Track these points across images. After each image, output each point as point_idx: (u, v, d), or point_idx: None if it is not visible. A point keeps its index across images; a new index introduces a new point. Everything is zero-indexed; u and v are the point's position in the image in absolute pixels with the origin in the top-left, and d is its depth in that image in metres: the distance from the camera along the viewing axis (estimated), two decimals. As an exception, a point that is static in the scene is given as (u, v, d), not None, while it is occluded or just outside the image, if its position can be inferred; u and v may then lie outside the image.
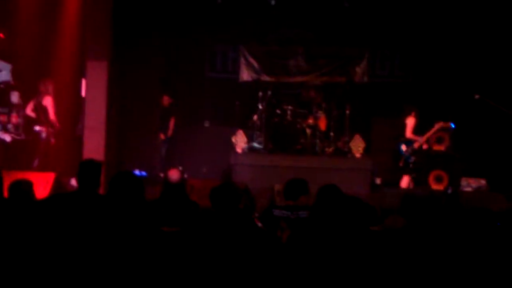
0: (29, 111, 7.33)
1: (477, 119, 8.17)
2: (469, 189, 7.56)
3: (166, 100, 8.26)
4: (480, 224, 2.78)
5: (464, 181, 7.55)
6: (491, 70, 8.12)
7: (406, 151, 6.88)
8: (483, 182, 7.70)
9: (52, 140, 7.31)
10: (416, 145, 7.00)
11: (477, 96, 6.51)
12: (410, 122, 7.10)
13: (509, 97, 7.61)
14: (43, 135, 7.25)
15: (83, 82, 7.24)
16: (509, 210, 3.09)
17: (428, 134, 7.03)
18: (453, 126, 8.18)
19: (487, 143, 8.03)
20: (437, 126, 6.88)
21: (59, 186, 6.04)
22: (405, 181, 7.51)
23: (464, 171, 7.77)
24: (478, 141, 8.11)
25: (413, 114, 7.30)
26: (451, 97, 8.41)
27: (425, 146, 7.30)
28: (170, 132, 8.33)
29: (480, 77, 8.13)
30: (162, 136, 8.26)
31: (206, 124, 9.17)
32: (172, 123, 8.39)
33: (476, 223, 2.79)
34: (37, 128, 7.26)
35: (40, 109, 7.25)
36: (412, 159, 6.87)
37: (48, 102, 7.26)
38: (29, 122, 7.33)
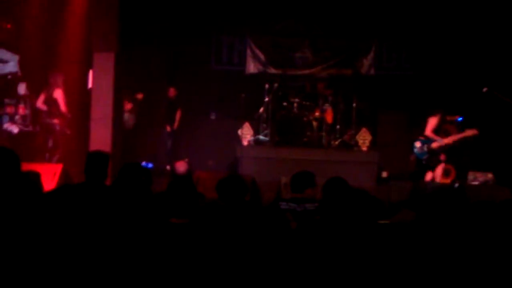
0: (40, 103, 7.35)
1: (484, 112, 8.12)
2: (476, 182, 7.52)
3: (172, 92, 8.25)
4: (486, 218, 2.77)
5: (471, 175, 7.52)
6: (499, 62, 8.06)
7: (420, 147, 6.70)
8: (490, 175, 7.66)
9: (68, 131, 7.35)
10: (434, 145, 6.73)
11: (485, 89, 6.45)
12: (432, 121, 6.87)
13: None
14: (57, 127, 7.28)
15: (90, 73, 7.24)
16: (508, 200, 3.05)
17: (454, 138, 6.71)
18: (460, 119, 8.14)
19: (494, 137, 7.99)
20: (465, 133, 6.64)
21: (66, 178, 6.06)
22: (429, 175, 7.32)
23: (471, 164, 7.73)
24: (486, 134, 8.06)
25: (437, 115, 6.99)
26: (458, 89, 8.36)
27: (446, 141, 6.90)
28: (176, 124, 8.33)
29: (488, 70, 8.07)
30: (168, 128, 8.26)
31: (212, 117, 9.16)
32: (178, 115, 8.39)
33: (482, 217, 2.78)
34: (48, 120, 7.29)
35: (51, 102, 7.26)
36: (425, 157, 6.70)
37: (58, 94, 7.28)
38: (40, 114, 7.33)
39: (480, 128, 7.34)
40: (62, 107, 7.28)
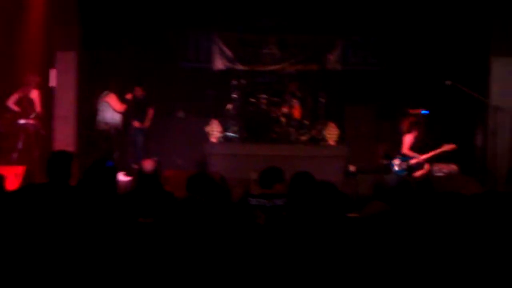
0: (12, 104, 7.22)
1: (448, 105, 8.30)
2: (440, 174, 7.68)
3: (138, 91, 8.09)
4: (452, 208, 2.81)
5: (435, 167, 7.67)
6: (462, 55, 8.23)
7: (399, 165, 6.73)
8: (454, 166, 7.83)
9: (42, 131, 7.20)
10: (412, 162, 6.75)
11: (448, 82, 6.58)
12: (408, 139, 6.87)
13: (479, 82, 7.74)
14: (31, 128, 7.13)
15: (53, 72, 7.08)
16: (481, 194, 3.12)
17: (431, 154, 6.73)
18: (425, 112, 8.29)
19: (457, 128, 8.16)
20: (443, 148, 6.70)
21: (30, 179, 5.90)
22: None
23: (436, 157, 7.88)
24: (450, 126, 8.24)
25: (413, 132, 6.95)
26: (423, 83, 8.51)
27: (427, 167, 6.91)
28: (147, 123, 8.15)
29: (452, 63, 8.24)
30: (136, 124, 8.06)
31: (180, 114, 9.07)
32: (150, 113, 8.20)
33: (447, 207, 2.83)
34: (22, 121, 7.14)
35: (27, 102, 7.14)
36: (405, 173, 6.71)
37: (35, 95, 7.15)
38: (10, 115, 7.19)
39: (441, 122, 7.47)
40: (38, 107, 7.16)
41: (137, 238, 2.71)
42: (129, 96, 7.57)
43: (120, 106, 7.46)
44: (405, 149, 6.87)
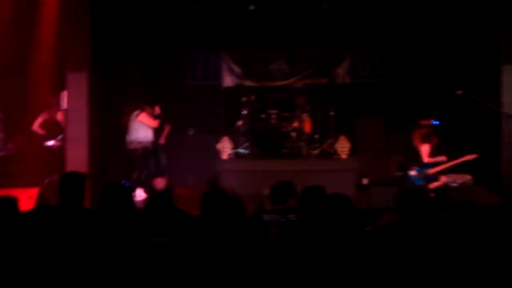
0: (37, 127, 7.42)
1: (460, 115, 8.23)
2: (455, 185, 7.59)
3: (157, 109, 8.20)
4: (468, 218, 2.78)
5: (449, 177, 7.59)
6: (473, 65, 8.19)
7: (416, 175, 6.66)
8: (468, 177, 7.74)
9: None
10: (430, 171, 6.66)
11: (459, 92, 6.54)
12: (426, 148, 6.81)
13: (491, 91, 7.68)
14: (57, 149, 7.27)
15: (64, 94, 7.15)
16: (498, 205, 3.08)
17: (452, 163, 6.64)
18: (436, 123, 8.23)
19: (471, 138, 8.09)
20: (464, 158, 6.63)
21: (43, 201, 5.93)
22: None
23: (452, 167, 7.80)
24: (462, 136, 8.17)
25: (428, 143, 6.87)
26: (433, 93, 8.47)
27: (443, 179, 6.83)
28: (163, 140, 8.21)
29: (461, 73, 8.20)
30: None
31: (191, 132, 9.10)
32: (167, 130, 8.25)
33: (463, 217, 2.79)
34: (49, 143, 7.33)
35: (52, 124, 7.36)
36: (422, 183, 6.66)
37: (60, 116, 7.35)
38: (35, 137, 7.38)
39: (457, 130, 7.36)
40: (63, 129, 7.31)
41: (152, 258, 2.69)
42: (157, 111, 7.70)
43: (154, 123, 7.69)
44: (426, 158, 6.77)
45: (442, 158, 6.73)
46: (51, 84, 7.48)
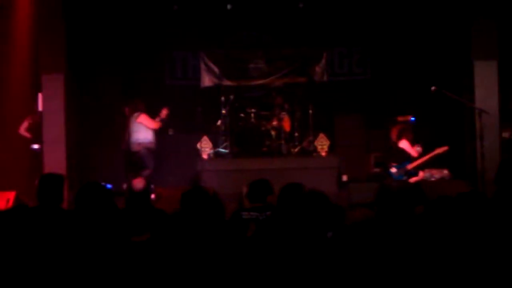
0: (23, 131, 7.36)
1: (435, 111, 8.37)
2: (432, 179, 7.72)
3: (127, 111, 8.11)
4: (442, 211, 2.82)
5: (427, 172, 7.71)
6: (446, 61, 8.33)
7: (397, 172, 6.77)
8: (445, 171, 7.88)
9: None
10: (409, 167, 6.76)
11: (433, 88, 6.65)
12: (405, 144, 6.89)
13: (465, 86, 7.82)
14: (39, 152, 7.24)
15: (40, 96, 7.07)
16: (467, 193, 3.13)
17: (426, 158, 6.75)
18: (412, 119, 8.35)
19: (447, 133, 8.22)
20: (435, 151, 6.74)
21: (20, 204, 5.85)
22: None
23: (428, 163, 7.93)
24: (438, 131, 8.30)
25: (404, 139, 6.94)
26: (410, 90, 8.58)
27: (421, 174, 6.91)
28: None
29: (437, 69, 8.33)
30: (123, 146, 8.07)
31: (170, 132, 9.07)
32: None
33: (437, 211, 2.84)
34: (35, 146, 7.24)
35: (38, 127, 7.24)
36: (404, 178, 6.75)
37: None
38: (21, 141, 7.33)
39: (431, 128, 7.48)
40: None
41: (131, 257, 2.69)
42: (164, 115, 7.71)
43: (155, 124, 7.67)
44: (413, 152, 6.85)
45: (415, 152, 6.85)
46: (26, 87, 7.38)
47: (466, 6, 7.59)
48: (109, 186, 7.40)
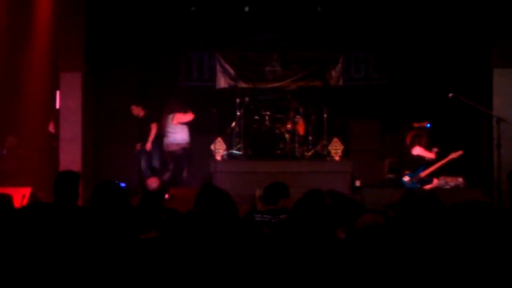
0: (52, 128, 7.52)
1: (452, 118, 8.30)
2: (447, 187, 7.65)
3: (139, 111, 8.18)
4: (461, 219, 2.80)
5: (441, 180, 7.64)
6: (465, 68, 8.26)
7: (409, 181, 6.73)
8: (460, 179, 7.79)
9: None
10: (422, 175, 6.72)
11: (451, 95, 6.60)
12: (420, 149, 6.84)
13: (483, 94, 7.76)
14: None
15: (58, 94, 7.15)
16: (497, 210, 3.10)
17: (441, 163, 6.70)
18: (428, 125, 8.29)
19: (463, 141, 8.15)
20: (450, 156, 6.70)
21: (35, 201, 5.92)
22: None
23: (443, 170, 7.86)
24: (455, 139, 8.23)
25: (416, 146, 6.91)
26: (427, 96, 8.53)
27: (435, 182, 6.87)
28: (149, 145, 8.18)
29: (453, 76, 8.26)
30: (138, 147, 8.14)
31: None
32: (152, 134, 8.25)
33: (457, 218, 2.81)
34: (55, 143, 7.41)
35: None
36: (418, 186, 6.72)
37: None
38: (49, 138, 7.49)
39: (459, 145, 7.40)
40: None
41: (139, 255, 2.71)
42: (190, 117, 8.03)
43: (189, 116, 8.08)
44: (427, 155, 6.80)
45: (432, 154, 6.79)
46: (45, 84, 7.46)
47: (487, 14, 7.53)
48: (123, 184, 7.47)
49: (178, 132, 8.02)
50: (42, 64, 7.45)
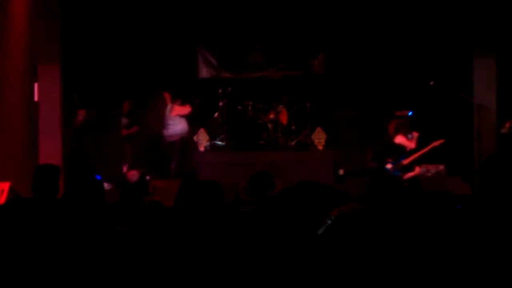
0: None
1: (433, 106, 8.36)
2: (428, 174, 7.72)
3: (188, 107, 8.35)
4: (440, 207, 2.82)
5: (423, 167, 7.71)
6: (446, 56, 8.31)
7: (392, 168, 6.76)
8: (441, 167, 7.88)
9: None
10: (405, 162, 6.75)
11: (432, 83, 6.64)
12: (400, 139, 6.86)
13: (464, 83, 7.81)
14: None
15: (36, 86, 7.01)
16: (472, 195, 3.14)
17: (422, 152, 6.73)
18: (410, 113, 8.34)
19: (444, 129, 8.22)
20: (432, 145, 6.74)
21: (14, 195, 5.82)
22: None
23: (425, 158, 7.93)
24: (435, 126, 8.29)
25: (400, 134, 6.93)
26: (409, 85, 8.57)
27: (417, 169, 6.92)
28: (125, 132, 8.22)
29: (436, 64, 8.31)
30: (124, 132, 8.17)
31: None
32: (134, 129, 8.26)
33: (436, 206, 2.83)
34: None
35: None
36: (400, 174, 6.75)
37: None
38: None
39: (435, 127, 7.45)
40: None
41: (118, 247, 2.68)
42: (188, 110, 8.14)
43: (188, 108, 8.18)
44: (409, 144, 6.84)
45: (412, 143, 6.83)
46: (24, 77, 7.29)
47: (467, 5, 7.56)
48: (98, 177, 7.37)
49: (177, 124, 8.13)
50: (20, 57, 7.28)
